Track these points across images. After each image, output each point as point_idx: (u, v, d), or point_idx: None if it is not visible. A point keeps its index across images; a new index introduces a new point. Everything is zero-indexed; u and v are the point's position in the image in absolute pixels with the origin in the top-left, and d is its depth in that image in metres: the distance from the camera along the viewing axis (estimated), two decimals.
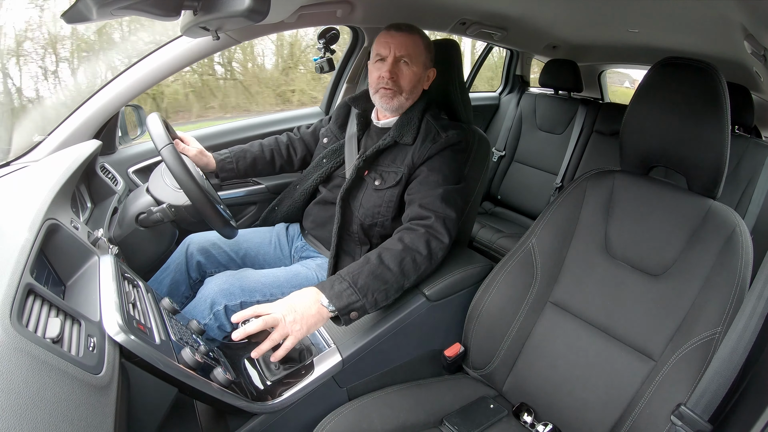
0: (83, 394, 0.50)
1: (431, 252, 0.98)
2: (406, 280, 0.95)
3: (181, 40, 1.24)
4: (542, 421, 0.92)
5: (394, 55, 1.10)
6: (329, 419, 0.85)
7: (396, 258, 0.94)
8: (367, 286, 0.89)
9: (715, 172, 0.82)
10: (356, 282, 0.89)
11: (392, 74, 1.10)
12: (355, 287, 0.88)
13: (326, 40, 1.58)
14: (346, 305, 0.86)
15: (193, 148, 1.24)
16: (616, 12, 1.47)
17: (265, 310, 0.83)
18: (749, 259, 0.78)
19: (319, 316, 0.85)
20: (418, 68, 1.12)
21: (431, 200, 1.03)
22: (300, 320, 0.83)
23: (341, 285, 0.88)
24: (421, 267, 0.97)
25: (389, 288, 0.92)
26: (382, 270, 0.92)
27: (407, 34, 1.11)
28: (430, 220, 1.01)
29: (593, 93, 2.73)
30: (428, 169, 1.08)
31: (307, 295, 0.86)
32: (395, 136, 1.12)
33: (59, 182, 0.87)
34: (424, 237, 0.98)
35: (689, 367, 0.76)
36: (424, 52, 1.13)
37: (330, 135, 1.32)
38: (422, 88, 1.17)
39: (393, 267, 0.93)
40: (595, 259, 0.94)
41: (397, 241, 0.98)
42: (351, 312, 0.87)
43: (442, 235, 1.00)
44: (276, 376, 0.89)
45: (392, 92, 1.11)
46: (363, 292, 0.88)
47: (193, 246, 1.23)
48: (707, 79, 0.80)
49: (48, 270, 0.73)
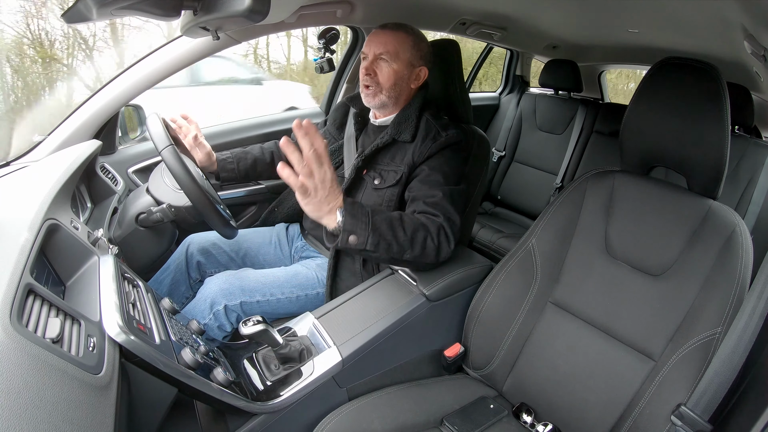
0: (83, 394, 0.50)
1: (440, 246, 0.99)
2: (409, 251, 0.95)
3: (181, 40, 1.24)
4: (542, 421, 0.92)
5: (374, 52, 1.10)
6: (329, 419, 0.85)
7: (413, 226, 0.96)
8: (380, 228, 0.91)
9: (715, 172, 0.82)
10: (374, 216, 0.91)
11: (369, 71, 1.11)
12: (370, 219, 0.90)
13: (326, 40, 1.58)
14: (352, 227, 0.88)
15: (198, 143, 1.23)
16: (616, 12, 1.47)
17: (305, 175, 0.81)
18: (749, 260, 0.78)
19: (329, 217, 0.88)
20: (400, 66, 1.11)
21: (437, 200, 1.02)
22: (317, 203, 0.85)
23: (362, 210, 0.90)
24: (427, 251, 0.97)
25: (392, 244, 0.93)
26: (398, 226, 0.94)
27: (391, 32, 1.11)
28: (439, 218, 1.00)
29: (593, 93, 2.73)
30: (429, 168, 1.07)
31: (337, 198, 0.88)
32: (393, 133, 1.12)
33: (59, 182, 0.87)
34: (437, 228, 0.98)
35: (689, 367, 0.76)
36: (409, 50, 1.11)
37: (328, 137, 1.32)
38: (411, 87, 1.15)
39: (408, 230, 0.94)
40: (595, 259, 0.94)
41: (417, 217, 0.99)
42: (351, 236, 0.89)
43: (450, 237, 1.00)
44: (276, 376, 0.89)
45: (372, 90, 1.12)
46: (373, 229, 0.90)
47: (194, 246, 1.23)
48: (707, 79, 0.80)
49: (48, 270, 0.73)
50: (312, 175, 0.81)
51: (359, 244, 0.90)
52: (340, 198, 0.88)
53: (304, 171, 0.80)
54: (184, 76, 4.06)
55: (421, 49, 1.14)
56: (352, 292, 1.06)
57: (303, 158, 0.80)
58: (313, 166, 0.81)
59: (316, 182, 0.82)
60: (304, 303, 1.15)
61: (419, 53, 1.13)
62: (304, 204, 0.85)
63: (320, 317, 1.00)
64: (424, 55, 1.15)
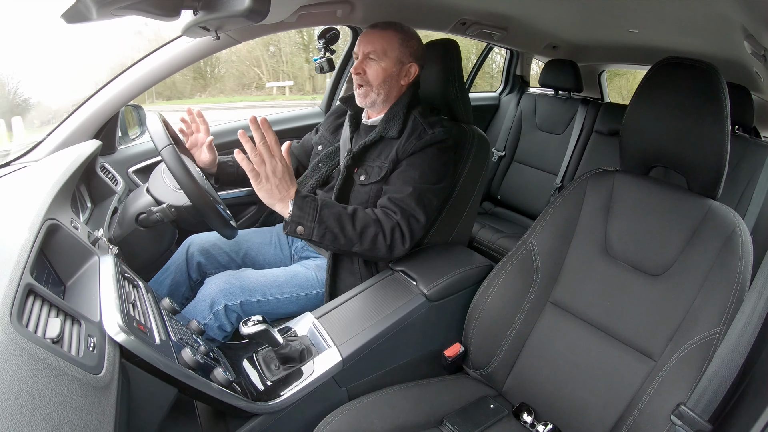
0: (83, 395, 0.50)
1: (393, 243, 1.04)
2: (357, 245, 1.01)
3: (181, 40, 1.24)
4: (542, 421, 0.92)
5: (363, 52, 1.12)
6: (329, 419, 0.84)
7: (364, 221, 1.02)
8: (326, 221, 0.98)
9: (715, 172, 0.82)
10: (322, 210, 0.99)
11: (359, 70, 1.13)
12: (318, 213, 0.98)
13: (326, 40, 1.58)
14: (298, 218, 0.97)
15: (210, 148, 1.22)
16: (616, 12, 1.47)
17: (257, 163, 0.92)
18: (749, 259, 0.78)
19: (281, 205, 0.98)
20: (389, 63, 1.12)
21: (403, 197, 1.05)
22: (269, 189, 0.95)
23: (311, 204, 0.98)
24: (378, 246, 1.03)
25: (339, 237, 1.00)
26: (347, 221, 1.00)
27: (380, 30, 1.13)
28: (396, 216, 1.04)
29: (593, 93, 2.73)
30: (408, 164, 1.09)
31: (289, 190, 0.97)
32: (381, 130, 1.13)
33: (59, 182, 0.87)
34: (391, 226, 1.03)
35: (689, 367, 0.76)
36: (397, 48, 1.12)
37: (324, 141, 1.33)
38: (401, 84, 1.16)
39: (357, 226, 1.01)
40: (595, 259, 0.94)
41: (374, 212, 1.05)
42: (299, 226, 0.97)
43: (406, 235, 1.04)
44: (276, 376, 0.89)
45: (364, 90, 1.14)
46: (319, 221, 0.98)
47: (194, 247, 1.23)
48: (707, 79, 0.80)
49: (48, 270, 0.73)
50: (263, 163, 0.92)
51: (306, 235, 0.98)
52: (292, 190, 0.97)
53: (255, 159, 0.91)
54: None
55: (411, 46, 1.15)
56: (352, 292, 1.06)
57: (255, 148, 0.91)
58: (264, 156, 0.91)
59: (267, 171, 0.93)
60: (304, 303, 1.15)
61: (409, 50, 1.14)
62: (257, 189, 0.95)
63: (320, 317, 1.00)
64: (414, 52, 1.16)
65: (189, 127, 1.21)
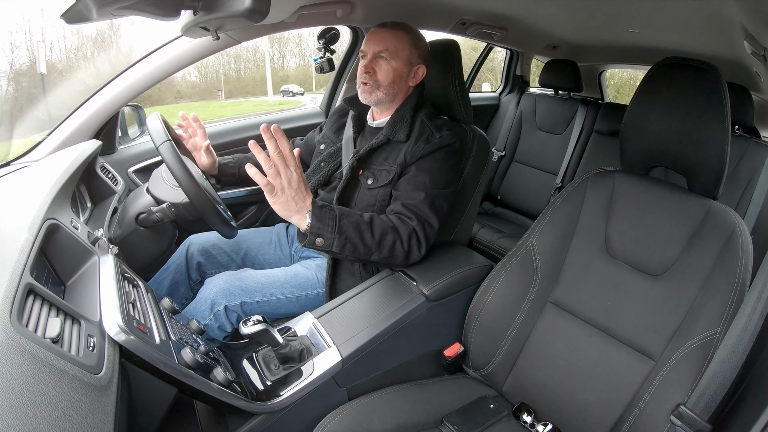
0: (83, 394, 0.50)
1: (410, 250, 1.02)
2: (376, 254, 0.99)
3: (181, 40, 1.24)
4: (542, 421, 0.92)
5: (373, 51, 1.11)
6: (329, 419, 0.84)
7: (382, 229, 0.99)
8: (346, 231, 0.95)
9: (715, 172, 0.82)
10: (342, 219, 0.95)
11: (369, 69, 1.11)
12: (337, 223, 0.94)
13: (326, 40, 1.58)
14: (318, 230, 0.93)
15: (208, 151, 1.23)
16: (616, 12, 1.47)
17: (272, 175, 0.87)
18: (749, 260, 0.78)
19: (298, 217, 0.93)
20: (399, 64, 1.12)
21: (416, 202, 1.04)
22: (284, 202, 0.90)
23: (329, 214, 0.95)
24: (396, 254, 1.01)
25: (359, 247, 0.97)
26: (366, 229, 0.97)
27: (390, 30, 1.12)
28: (413, 222, 1.02)
29: (593, 93, 2.73)
30: (417, 168, 1.08)
31: (305, 200, 0.92)
32: (388, 133, 1.12)
33: (59, 182, 0.87)
34: (408, 232, 1.02)
35: (689, 367, 0.76)
36: (408, 48, 1.12)
37: (327, 141, 1.33)
38: (409, 85, 1.16)
39: (376, 234, 0.98)
40: (595, 259, 0.94)
41: (390, 219, 1.03)
42: (318, 238, 0.94)
43: (422, 242, 1.03)
44: (276, 376, 0.89)
45: (370, 87, 1.12)
46: (339, 232, 0.94)
47: (194, 247, 1.23)
48: (707, 79, 0.80)
49: (48, 270, 0.73)
50: (278, 175, 0.87)
51: (325, 246, 0.94)
52: (308, 200, 0.93)
53: (270, 171, 0.86)
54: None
55: (420, 48, 1.15)
56: (352, 292, 1.06)
57: (269, 159, 0.86)
58: (279, 167, 0.86)
59: (282, 182, 0.88)
60: (304, 303, 1.15)
61: (418, 51, 1.14)
62: (272, 202, 0.90)
63: (320, 317, 1.00)
64: (422, 54, 1.16)
65: (186, 131, 1.21)
